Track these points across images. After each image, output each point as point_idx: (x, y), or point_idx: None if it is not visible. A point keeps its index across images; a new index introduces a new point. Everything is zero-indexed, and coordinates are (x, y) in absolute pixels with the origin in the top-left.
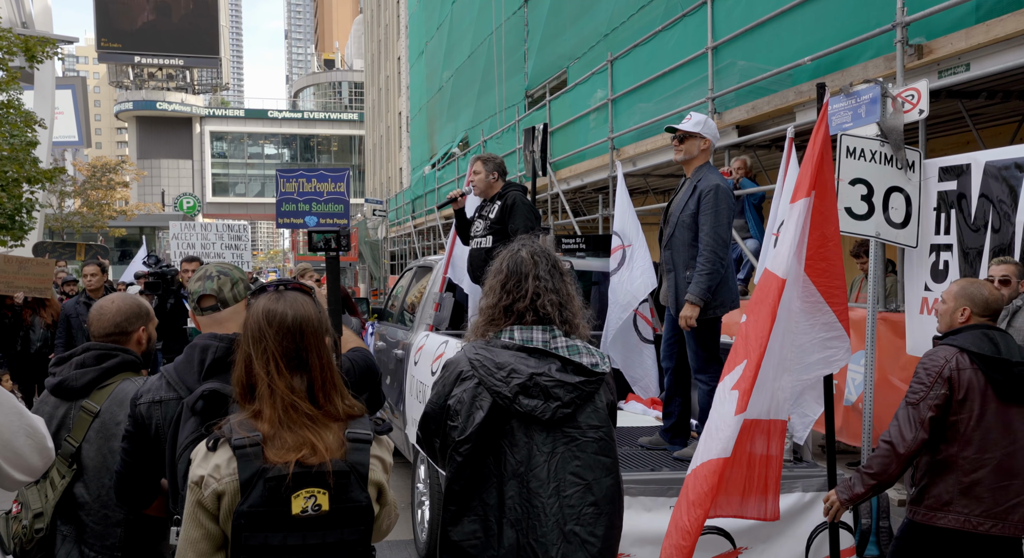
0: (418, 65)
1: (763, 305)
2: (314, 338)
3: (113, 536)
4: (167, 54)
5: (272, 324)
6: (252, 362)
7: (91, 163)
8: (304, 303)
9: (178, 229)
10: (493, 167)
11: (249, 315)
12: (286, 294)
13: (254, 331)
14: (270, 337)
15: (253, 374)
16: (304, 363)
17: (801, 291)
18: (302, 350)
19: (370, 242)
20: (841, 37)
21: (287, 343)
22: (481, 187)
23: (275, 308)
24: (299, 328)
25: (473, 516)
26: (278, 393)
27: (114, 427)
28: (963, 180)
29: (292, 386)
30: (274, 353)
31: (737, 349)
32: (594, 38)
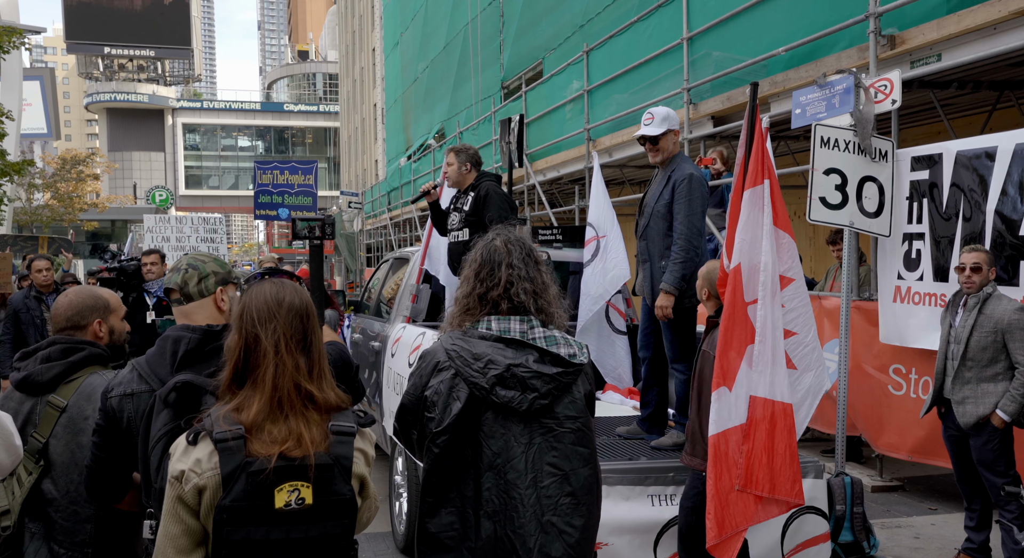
0: (393, 56)
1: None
2: (314, 323)
3: (83, 532)
4: (138, 45)
5: (282, 305)
6: (259, 342)
7: (60, 156)
8: (302, 290)
9: (152, 222)
10: (466, 158)
11: (251, 299)
12: (284, 281)
13: (261, 312)
14: (281, 317)
15: (258, 354)
16: (308, 346)
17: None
18: (308, 332)
19: (346, 234)
20: (815, 28)
21: (296, 324)
22: (454, 178)
23: (281, 292)
24: (306, 311)
25: (450, 508)
26: (287, 372)
27: (82, 422)
28: (935, 170)
29: (298, 365)
30: (285, 332)
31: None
32: (569, 29)
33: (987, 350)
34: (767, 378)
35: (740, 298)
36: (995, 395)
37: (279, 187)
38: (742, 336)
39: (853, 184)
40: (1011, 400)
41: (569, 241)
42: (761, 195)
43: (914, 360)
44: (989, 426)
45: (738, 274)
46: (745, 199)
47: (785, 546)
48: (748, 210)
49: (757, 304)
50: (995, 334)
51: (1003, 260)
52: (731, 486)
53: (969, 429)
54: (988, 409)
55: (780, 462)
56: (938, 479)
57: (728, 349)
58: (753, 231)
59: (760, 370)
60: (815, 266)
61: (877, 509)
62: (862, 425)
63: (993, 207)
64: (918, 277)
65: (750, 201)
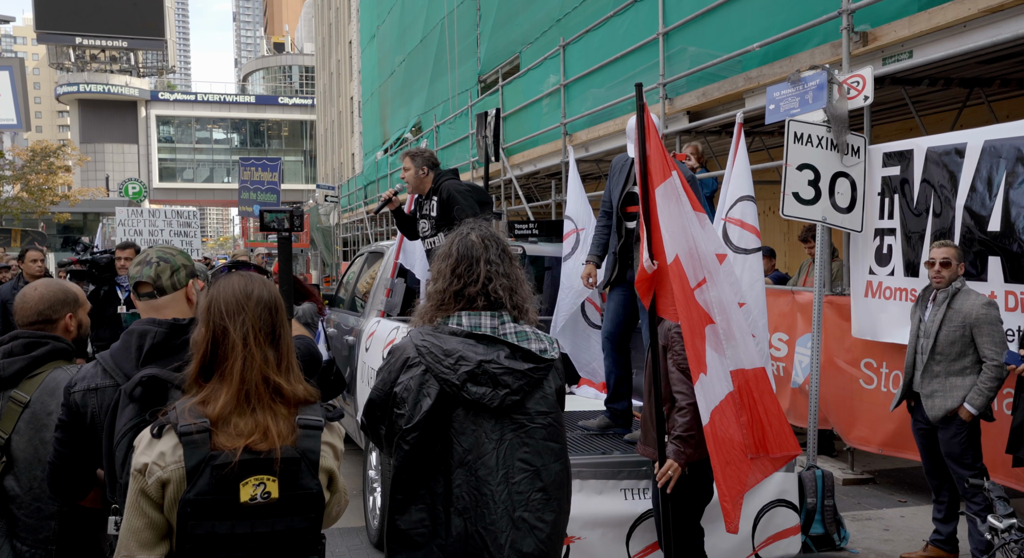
0: (370, 49)
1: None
2: (282, 317)
3: (46, 529)
4: (110, 35)
5: (251, 298)
6: (227, 335)
7: (31, 147)
8: (270, 283)
9: (125, 215)
10: (422, 162)
11: (219, 292)
12: (252, 275)
13: (231, 305)
14: (249, 310)
15: (226, 346)
16: (277, 339)
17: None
18: (277, 325)
19: (322, 228)
20: (789, 24)
21: (265, 316)
22: (413, 184)
23: (250, 285)
24: (274, 304)
25: (420, 504)
26: (255, 364)
27: (45, 417)
28: (906, 166)
29: (267, 358)
30: (253, 325)
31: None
32: (546, 23)
33: (955, 344)
34: (737, 351)
35: (686, 286)
36: (963, 389)
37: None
38: (699, 320)
39: (826, 180)
40: (978, 394)
41: (546, 235)
42: (674, 187)
43: (885, 354)
44: (957, 419)
45: (678, 265)
46: (659, 195)
47: (756, 539)
48: (664, 205)
49: (705, 285)
50: (964, 329)
51: (972, 255)
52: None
53: (937, 422)
54: (956, 402)
55: (777, 422)
56: (908, 472)
57: (693, 337)
58: (678, 221)
59: (730, 344)
60: (789, 261)
61: (848, 502)
62: (834, 419)
63: (962, 203)
64: (889, 272)
65: (664, 196)
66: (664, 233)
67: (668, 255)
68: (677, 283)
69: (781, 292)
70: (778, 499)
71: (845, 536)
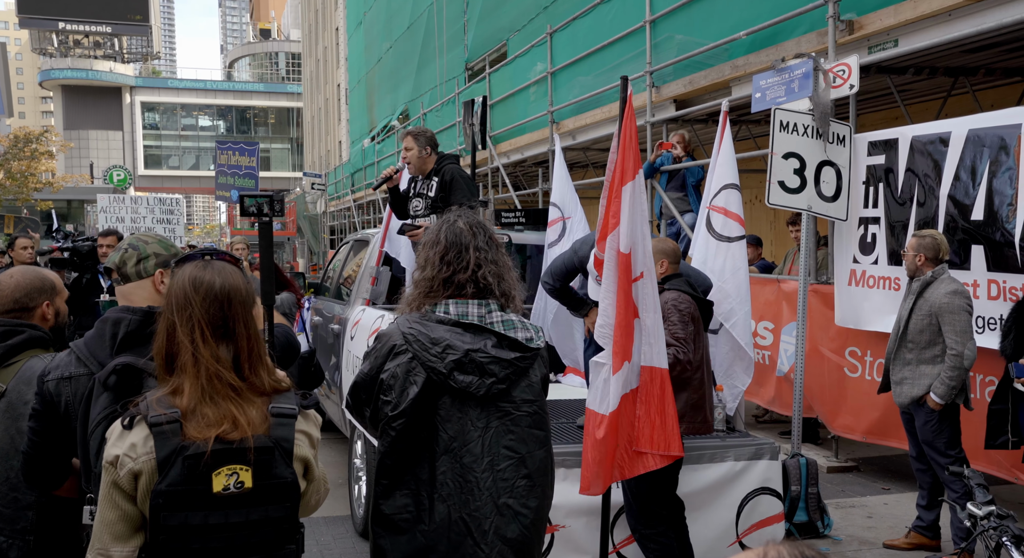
0: (356, 36)
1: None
2: (241, 308)
3: (24, 519)
4: (94, 20)
5: (199, 291)
6: (176, 330)
7: (13, 133)
8: (232, 272)
9: (107, 202)
10: (425, 142)
11: (174, 282)
12: (213, 263)
13: (179, 298)
14: (196, 304)
15: (176, 343)
16: (231, 333)
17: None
18: (229, 319)
19: (309, 216)
20: (776, 12)
21: (214, 311)
22: (416, 164)
23: (202, 275)
24: (227, 296)
25: (405, 490)
26: (203, 363)
27: (22, 407)
28: (891, 155)
29: (217, 356)
30: (200, 321)
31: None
32: (534, 10)
33: (924, 333)
34: (652, 349)
35: (629, 277)
36: (931, 377)
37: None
38: (631, 312)
39: (811, 168)
40: (940, 383)
41: (532, 224)
42: (640, 187)
43: (869, 343)
44: (926, 406)
45: (629, 258)
46: (628, 191)
47: (740, 526)
48: (630, 201)
49: (641, 280)
50: (931, 317)
51: (955, 244)
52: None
53: (908, 409)
54: (923, 390)
55: (671, 422)
56: (892, 460)
57: (625, 324)
58: (638, 218)
59: (646, 341)
60: (775, 249)
61: (832, 489)
62: (819, 407)
63: (946, 192)
64: (873, 261)
65: (632, 193)
66: (625, 226)
67: (623, 245)
68: (623, 272)
69: (767, 280)
70: (762, 487)
71: (829, 523)
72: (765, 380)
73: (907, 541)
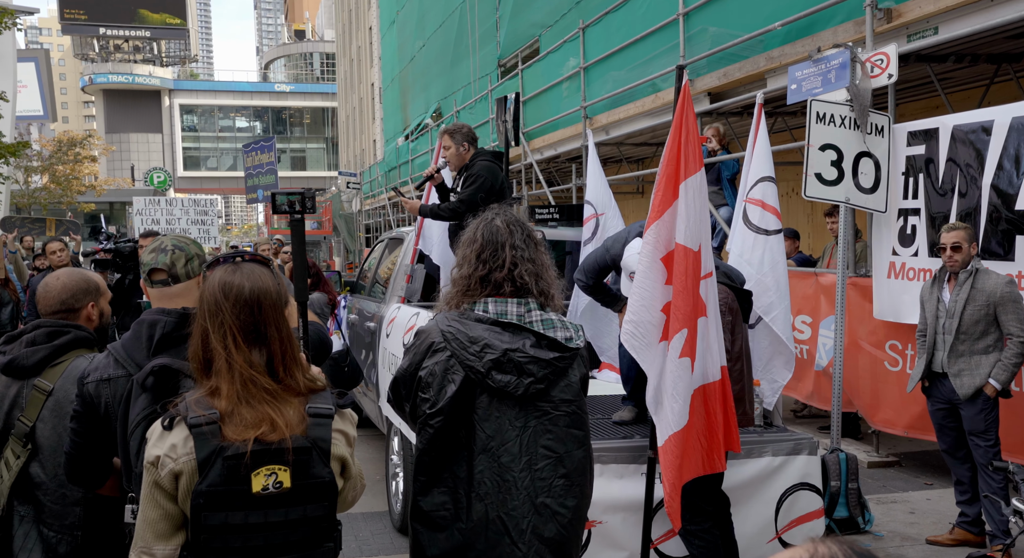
0: (390, 35)
1: (683, 275)
2: (272, 311)
3: (72, 515)
4: (133, 25)
5: (229, 297)
6: (209, 336)
7: (57, 138)
8: (262, 275)
9: (142, 205)
10: (462, 138)
11: (205, 288)
12: (243, 266)
13: (210, 304)
14: (227, 310)
15: (210, 348)
16: (262, 336)
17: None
18: (260, 323)
19: (344, 215)
20: (811, 2)
21: (244, 316)
22: (455, 162)
23: (231, 280)
24: (256, 301)
25: (443, 488)
26: (236, 368)
27: (68, 405)
28: (931, 145)
29: (250, 360)
30: (231, 327)
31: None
32: (565, 6)
33: (979, 323)
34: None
35: (697, 274)
36: (988, 366)
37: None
38: (699, 309)
39: (849, 160)
40: (1003, 369)
41: (567, 220)
42: (702, 181)
43: (910, 336)
44: (983, 396)
45: (700, 255)
46: (689, 186)
47: (779, 522)
48: (694, 196)
49: (710, 278)
50: (988, 307)
51: (999, 235)
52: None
53: (966, 399)
54: (983, 379)
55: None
56: (934, 454)
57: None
58: (702, 214)
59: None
60: (812, 243)
61: (873, 485)
62: (858, 401)
63: (989, 181)
64: (913, 253)
65: (694, 187)
66: (692, 222)
67: (692, 242)
68: (692, 269)
69: (804, 274)
70: (801, 482)
71: (870, 519)
72: (803, 374)
73: (951, 537)
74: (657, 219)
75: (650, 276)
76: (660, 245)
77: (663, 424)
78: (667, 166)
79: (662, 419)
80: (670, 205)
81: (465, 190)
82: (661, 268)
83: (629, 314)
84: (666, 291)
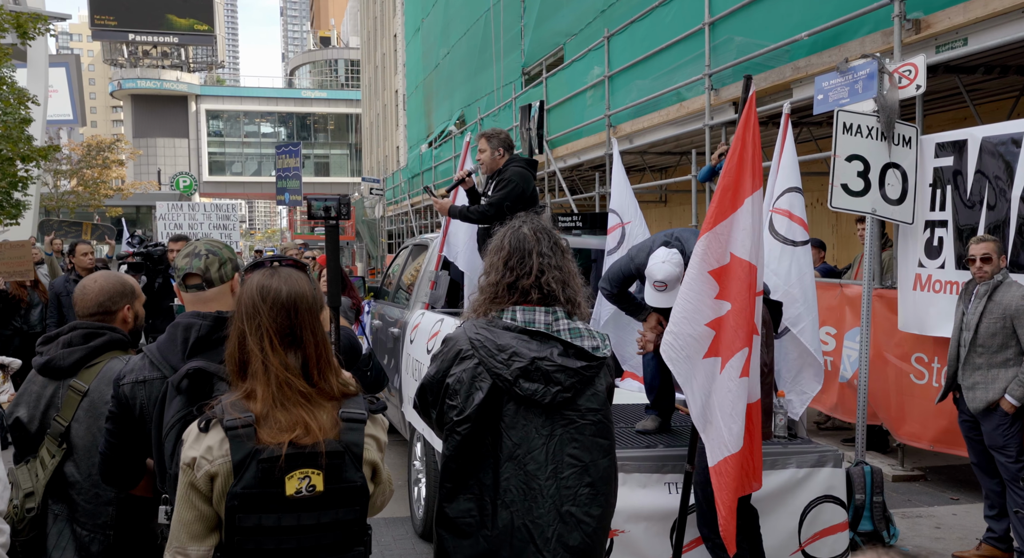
0: (414, 42)
1: (745, 292)
2: (308, 315)
3: (105, 514)
4: (162, 31)
5: (266, 300)
6: (246, 338)
7: (86, 142)
8: (299, 279)
9: (165, 209)
10: (498, 143)
11: (243, 291)
12: (280, 270)
13: (248, 307)
14: (264, 313)
15: (247, 350)
16: (298, 340)
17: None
18: (296, 326)
19: (367, 221)
20: (839, 12)
21: (281, 319)
22: (489, 165)
23: (269, 284)
24: (293, 304)
25: (468, 495)
26: (272, 370)
27: (103, 406)
28: (959, 156)
29: (286, 363)
30: (268, 329)
31: (732, 337)
32: (591, 14)
33: (996, 336)
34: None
35: (754, 291)
36: (1005, 380)
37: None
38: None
39: (876, 171)
40: (1019, 384)
41: (589, 228)
42: (761, 200)
43: (936, 349)
44: (999, 410)
45: (756, 272)
46: (755, 200)
47: (802, 535)
48: (754, 213)
49: (761, 296)
50: (1004, 320)
51: None
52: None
53: (979, 414)
54: (997, 394)
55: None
56: (960, 469)
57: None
58: (759, 233)
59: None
60: (838, 254)
61: (898, 498)
62: (883, 414)
63: (1018, 194)
64: (939, 265)
65: (758, 202)
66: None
67: (753, 257)
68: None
69: (829, 285)
70: (825, 495)
71: (895, 533)
72: (827, 386)
73: (978, 553)
74: (709, 230)
75: (695, 288)
76: (710, 257)
77: (716, 444)
78: (726, 177)
79: (714, 438)
80: (726, 217)
81: (496, 194)
82: (710, 281)
83: (670, 326)
84: (715, 306)
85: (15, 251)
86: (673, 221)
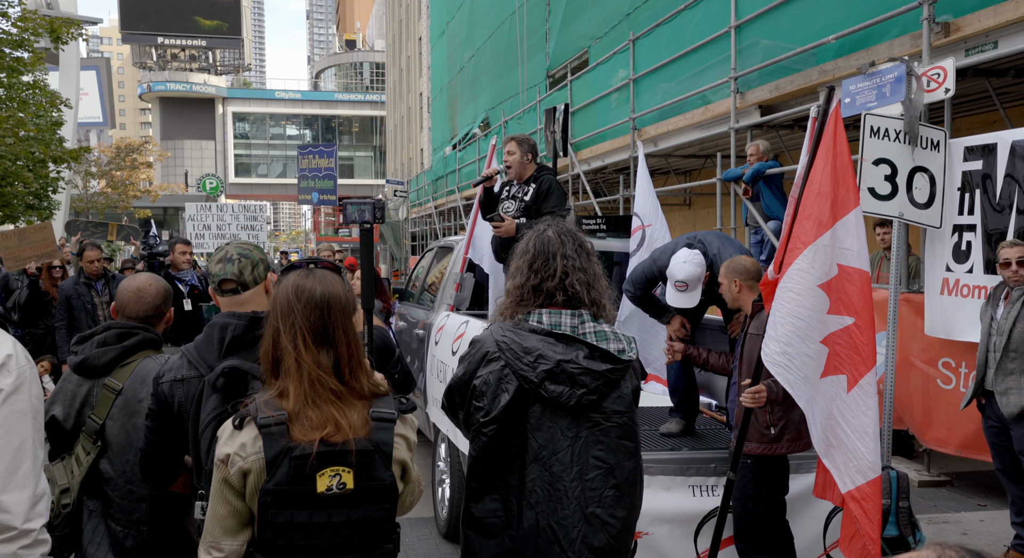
0: (439, 45)
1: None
2: (341, 315)
3: (139, 511)
4: (190, 35)
5: (301, 299)
6: (280, 336)
7: (115, 144)
8: (333, 280)
9: (194, 210)
10: (528, 148)
11: (278, 290)
12: (315, 272)
13: (283, 306)
14: (298, 311)
15: (280, 348)
16: (331, 339)
17: None
18: (329, 326)
19: (391, 223)
20: (866, 15)
21: (315, 318)
22: (516, 169)
23: (304, 283)
24: (327, 304)
25: (495, 495)
26: (305, 368)
27: (136, 404)
28: (988, 160)
29: (318, 361)
30: (302, 327)
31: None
32: (616, 17)
33: None
34: None
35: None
36: None
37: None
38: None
39: (903, 174)
40: None
41: (613, 231)
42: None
43: (964, 354)
44: None
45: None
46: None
47: (827, 539)
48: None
49: None
50: None
51: None
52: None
53: (1011, 419)
54: None
55: None
56: (988, 475)
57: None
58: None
59: None
60: None
61: (924, 504)
62: (909, 419)
63: None
64: (968, 269)
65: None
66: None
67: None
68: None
69: None
70: None
71: (921, 539)
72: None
73: None
74: (813, 242)
75: (805, 305)
76: (817, 270)
77: (848, 469)
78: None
79: (845, 463)
80: (828, 228)
81: (547, 206)
82: (821, 296)
83: (783, 345)
84: (827, 321)
85: (39, 233)
86: (697, 224)
